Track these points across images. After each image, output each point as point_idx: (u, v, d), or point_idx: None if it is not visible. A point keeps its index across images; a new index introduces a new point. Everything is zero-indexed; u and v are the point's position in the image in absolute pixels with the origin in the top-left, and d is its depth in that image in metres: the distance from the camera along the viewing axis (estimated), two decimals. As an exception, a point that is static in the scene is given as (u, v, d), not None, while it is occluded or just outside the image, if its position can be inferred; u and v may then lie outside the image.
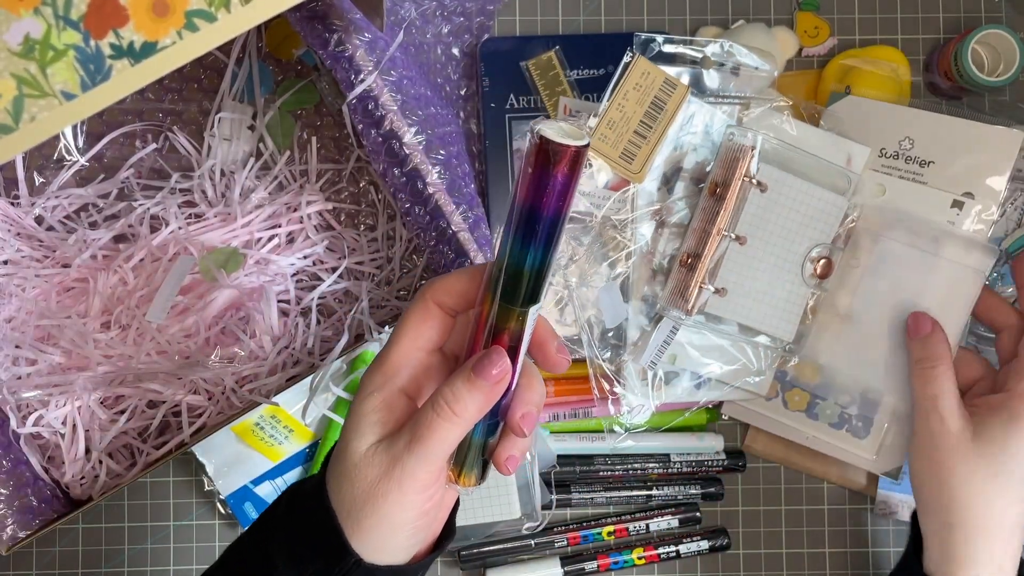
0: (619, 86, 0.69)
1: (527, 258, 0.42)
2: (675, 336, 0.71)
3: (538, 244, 0.41)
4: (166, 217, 0.75)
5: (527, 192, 0.40)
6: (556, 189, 0.40)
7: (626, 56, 0.69)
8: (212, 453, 0.76)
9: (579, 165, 0.39)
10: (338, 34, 0.63)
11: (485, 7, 0.77)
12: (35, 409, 0.72)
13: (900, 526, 0.78)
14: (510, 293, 0.43)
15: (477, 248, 0.68)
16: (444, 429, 0.44)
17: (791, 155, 0.69)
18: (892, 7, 0.80)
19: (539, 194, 0.40)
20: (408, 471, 0.44)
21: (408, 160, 0.66)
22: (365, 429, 0.46)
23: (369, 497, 0.45)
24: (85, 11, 0.45)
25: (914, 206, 0.71)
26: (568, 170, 0.39)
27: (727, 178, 0.68)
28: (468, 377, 0.44)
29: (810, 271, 0.70)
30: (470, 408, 0.44)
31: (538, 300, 0.43)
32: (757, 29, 0.77)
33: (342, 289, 0.76)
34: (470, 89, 0.78)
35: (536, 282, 0.42)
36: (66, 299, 0.75)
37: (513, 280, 0.42)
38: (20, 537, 0.68)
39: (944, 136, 0.71)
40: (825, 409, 0.73)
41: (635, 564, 0.77)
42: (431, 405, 0.44)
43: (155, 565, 0.78)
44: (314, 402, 0.75)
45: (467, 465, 0.47)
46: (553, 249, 0.42)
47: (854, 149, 0.72)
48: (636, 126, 0.69)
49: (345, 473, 0.46)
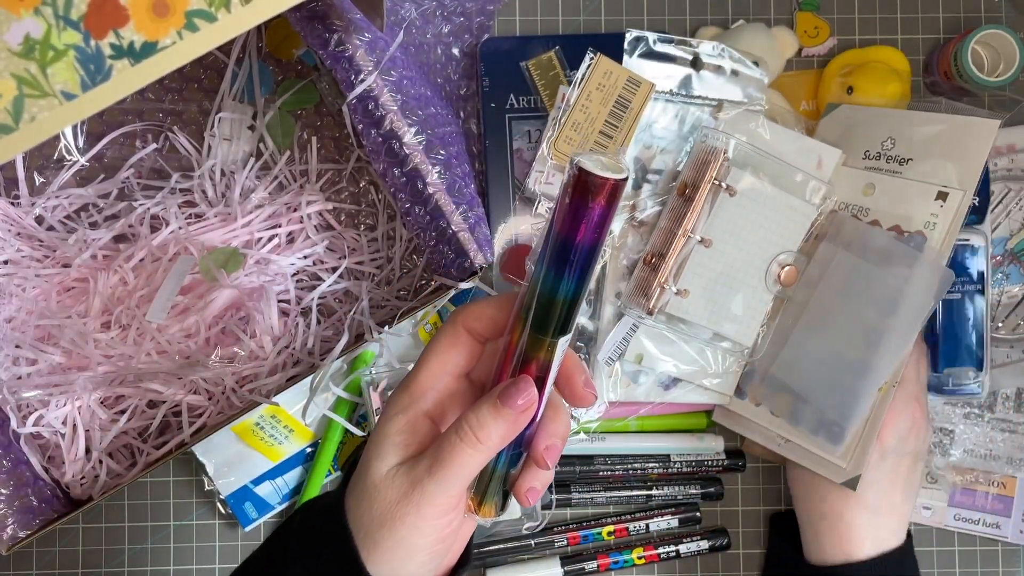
0: (582, 87, 0.69)
1: (560, 288, 0.41)
2: (635, 334, 0.71)
3: (572, 275, 0.41)
4: (166, 217, 0.75)
5: (563, 223, 0.40)
6: (593, 221, 0.40)
7: (587, 57, 0.69)
8: (212, 453, 0.76)
9: (616, 198, 0.39)
10: (338, 34, 0.63)
11: (485, 7, 0.77)
12: (35, 409, 0.72)
13: (900, 526, 0.78)
14: (541, 323, 0.43)
15: (477, 248, 0.68)
16: (466, 455, 0.44)
17: (763, 160, 0.69)
18: (892, 7, 0.80)
19: (575, 225, 0.40)
20: (427, 495, 0.44)
21: (408, 160, 0.66)
22: (387, 450, 0.46)
23: (387, 519, 0.45)
24: (85, 11, 0.45)
25: (900, 201, 0.70)
26: (605, 203, 0.39)
27: (697, 180, 0.68)
28: (494, 404, 0.44)
29: (774, 277, 0.70)
30: (494, 436, 0.44)
31: (568, 331, 0.43)
32: (757, 29, 0.77)
33: (342, 289, 0.76)
34: (470, 89, 0.78)
35: (568, 313, 0.42)
36: (66, 299, 0.75)
37: (545, 310, 0.42)
38: (20, 537, 0.68)
39: (924, 132, 0.71)
40: (805, 412, 0.71)
41: (635, 564, 0.77)
42: (455, 430, 0.44)
43: (155, 565, 0.78)
44: (314, 402, 0.75)
45: (488, 495, 0.47)
46: (587, 281, 0.42)
47: (824, 151, 0.72)
48: (601, 126, 0.69)
49: (364, 492, 0.45)
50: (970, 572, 0.78)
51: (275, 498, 0.77)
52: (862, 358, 0.68)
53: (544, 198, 0.74)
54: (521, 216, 0.76)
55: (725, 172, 0.67)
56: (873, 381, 0.67)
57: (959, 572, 0.78)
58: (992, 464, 0.76)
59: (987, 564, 0.78)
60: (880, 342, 0.67)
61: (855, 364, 0.68)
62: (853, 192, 0.72)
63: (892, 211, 0.70)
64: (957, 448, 0.76)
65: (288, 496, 0.77)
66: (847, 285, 0.69)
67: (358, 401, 0.76)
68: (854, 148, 0.73)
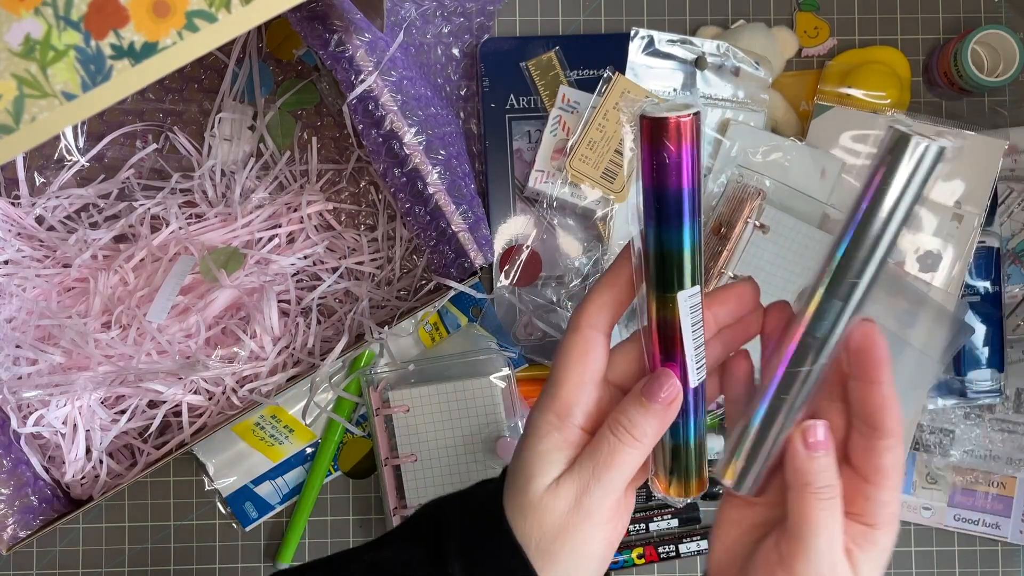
0: (599, 106, 0.69)
1: (664, 240, 0.41)
2: None
3: (672, 224, 0.41)
4: (166, 217, 0.75)
5: (646, 176, 0.40)
6: (671, 165, 0.39)
7: (605, 74, 0.70)
8: (212, 453, 0.76)
9: (687, 136, 0.39)
10: (338, 34, 0.63)
11: (485, 7, 0.77)
12: (35, 409, 0.72)
13: (900, 526, 0.78)
14: (660, 280, 0.42)
15: (477, 248, 0.68)
16: (626, 454, 0.44)
17: (789, 194, 0.70)
18: (892, 7, 0.80)
19: (657, 176, 0.39)
20: (596, 501, 0.44)
21: (408, 160, 0.66)
22: (547, 467, 0.45)
23: (560, 530, 0.44)
24: (86, 11, 0.45)
25: (914, 222, 0.71)
26: (677, 144, 0.39)
27: (733, 219, 0.69)
28: (640, 402, 0.44)
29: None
30: (648, 432, 0.44)
31: (687, 285, 0.42)
32: (757, 29, 0.77)
33: (342, 289, 0.76)
34: (470, 89, 0.78)
35: (683, 264, 0.41)
36: (66, 299, 0.75)
37: (660, 267, 0.42)
38: (21, 537, 0.68)
39: None
40: None
41: (635, 564, 0.77)
42: (611, 431, 0.44)
43: (155, 565, 0.78)
44: (314, 402, 0.75)
45: (684, 472, 0.46)
46: (686, 228, 0.41)
47: (828, 161, 0.72)
48: (617, 145, 0.69)
49: (530, 507, 0.45)
50: (970, 572, 0.78)
51: (275, 498, 0.77)
52: None
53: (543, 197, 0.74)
54: (521, 216, 0.76)
55: (760, 210, 0.69)
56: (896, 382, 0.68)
57: (959, 572, 0.78)
58: (992, 464, 0.76)
59: (987, 564, 0.79)
60: (903, 348, 0.69)
61: None
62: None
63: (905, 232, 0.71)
64: (957, 448, 0.76)
65: (288, 496, 0.77)
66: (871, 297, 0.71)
67: (358, 401, 0.76)
68: (850, 152, 0.73)
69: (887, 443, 0.44)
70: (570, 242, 0.76)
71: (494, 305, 0.76)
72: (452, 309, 0.77)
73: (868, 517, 0.46)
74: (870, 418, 0.44)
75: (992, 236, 0.74)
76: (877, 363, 0.44)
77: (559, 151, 0.74)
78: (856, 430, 0.45)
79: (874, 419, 0.44)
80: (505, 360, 0.75)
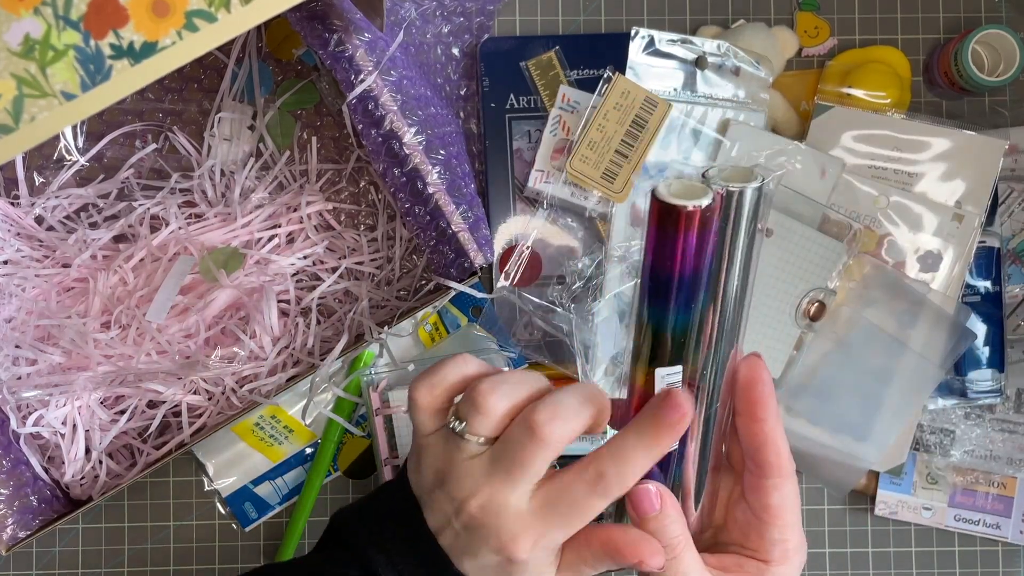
0: (599, 106, 0.69)
1: (651, 316, 0.41)
2: None
3: (657, 303, 0.41)
4: (166, 217, 0.75)
5: (647, 249, 0.39)
6: (677, 251, 0.38)
7: (605, 74, 0.70)
8: (212, 453, 0.76)
9: (692, 225, 0.38)
10: (338, 34, 0.63)
11: (485, 7, 0.77)
12: (35, 409, 0.72)
13: (900, 526, 0.78)
14: (645, 354, 0.42)
15: (477, 248, 0.68)
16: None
17: (795, 199, 0.70)
18: (892, 7, 0.80)
19: (658, 256, 0.39)
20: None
21: (408, 160, 0.66)
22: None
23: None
24: (85, 11, 0.44)
25: (914, 221, 0.72)
26: (684, 231, 0.38)
27: None
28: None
29: (802, 312, 0.71)
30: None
31: (663, 363, 0.42)
32: (757, 29, 0.77)
33: (342, 289, 0.76)
34: (470, 89, 0.78)
35: (668, 343, 0.41)
36: (66, 299, 0.75)
37: (640, 336, 0.42)
38: (20, 537, 0.68)
39: (931, 146, 0.72)
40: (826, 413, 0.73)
41: (635, 564, 0.77)
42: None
43: (155, 565, 0.78)
44: (314, 402, 0.75)
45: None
46: (674, 310, 0.40)
47: (828, 162, 0.72)
48: (617, 145, 0.69)
49: None
50: (970, 572, 0.78)
51: (275, 498, 0.77)
52: (885, 364, 0.70)
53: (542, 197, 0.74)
54: (521, 216, 0.76)
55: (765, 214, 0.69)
56: (896, 384, 0.69)
57: (959, 572, 0.78)
58: (992, 465, 0.76)
59: (987, 565, 0.78)
60: (903, 351, 0.69)
61: (878, 370, 0.70)
62: (864, 203, 0.72)
63: (906, 232, 0.71)
64: (957, 449, 0.76)
65: (288, 496, 0.77)
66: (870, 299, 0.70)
67: (358, 401, 0.76)
68: (851, 152, 0.73)
69: (773, 482, 0.44)
70: (570, 242, 0.76)
71: (494, 305, 0.76)
72: (452, 309, 0.77)
73: (762, 553, 0.45)
74: (755, 456, 0.44)
75: (992, 236, 0.74)
76: (759, 400, 0.43)
77: (559, 151, 0.74)
78: (747, 468, 0.45)
79: (759, 457, 0.44)
80: (505, 360, 0.75)
